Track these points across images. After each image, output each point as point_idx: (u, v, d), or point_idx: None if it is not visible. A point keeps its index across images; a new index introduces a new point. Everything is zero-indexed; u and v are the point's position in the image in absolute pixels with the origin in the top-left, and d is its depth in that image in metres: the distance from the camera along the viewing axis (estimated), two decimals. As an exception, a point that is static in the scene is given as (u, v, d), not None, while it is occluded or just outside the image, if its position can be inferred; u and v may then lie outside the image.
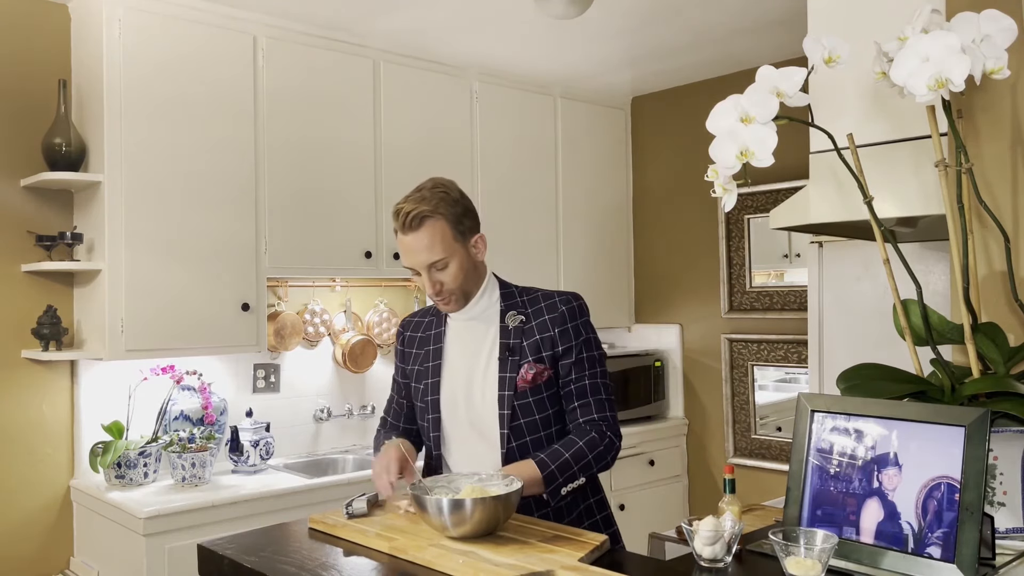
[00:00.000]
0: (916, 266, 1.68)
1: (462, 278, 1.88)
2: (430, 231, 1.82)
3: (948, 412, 1.35)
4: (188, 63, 3.02)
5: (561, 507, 1.87)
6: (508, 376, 1.88)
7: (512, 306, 1.94)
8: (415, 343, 2.05)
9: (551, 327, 1.90)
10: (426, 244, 1.82)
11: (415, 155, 3.62)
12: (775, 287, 4.00)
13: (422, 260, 1.84)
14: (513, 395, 1.87)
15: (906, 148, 1.69)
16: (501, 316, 1.93)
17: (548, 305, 1.93)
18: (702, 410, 4.33)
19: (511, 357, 1.89)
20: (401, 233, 1.85)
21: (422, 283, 1.88)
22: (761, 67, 1.50)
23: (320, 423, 3.64)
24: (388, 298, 3.89)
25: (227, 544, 1.64)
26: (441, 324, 2.00)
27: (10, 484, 2.93)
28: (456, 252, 1.85)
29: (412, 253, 1.84)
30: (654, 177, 4.54)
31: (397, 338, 2.11)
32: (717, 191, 1.53)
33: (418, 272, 1.87)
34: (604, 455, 1.86)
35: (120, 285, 2.86)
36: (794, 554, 1.28)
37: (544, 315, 1.92)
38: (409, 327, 2.09)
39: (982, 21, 1.42)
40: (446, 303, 1.91)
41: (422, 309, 2.12)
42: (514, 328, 1.91)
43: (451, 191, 1.87)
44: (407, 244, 1.84)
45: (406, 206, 1.83)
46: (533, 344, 1.89)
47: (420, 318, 2.08)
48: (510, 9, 3.22)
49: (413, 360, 2.04)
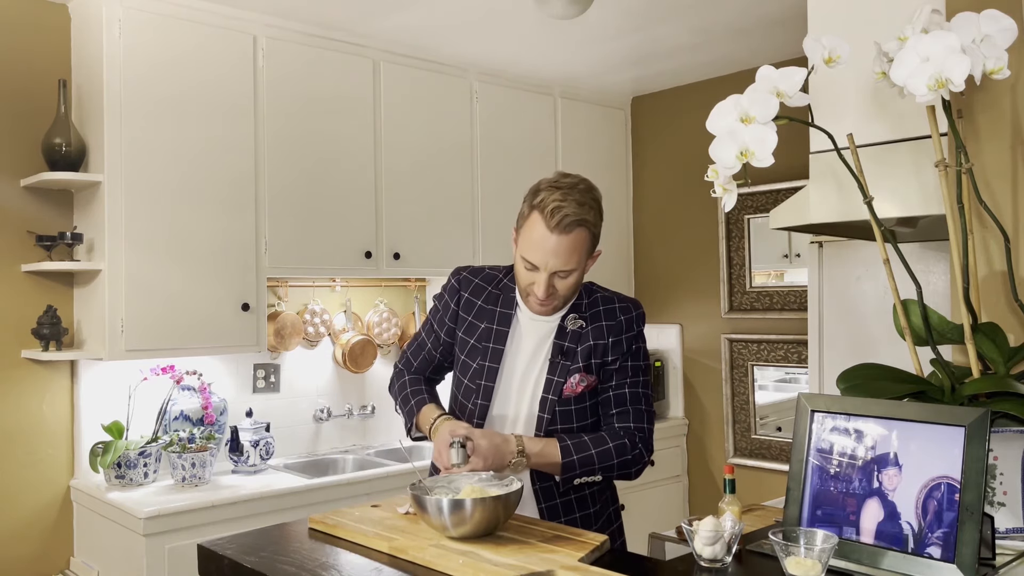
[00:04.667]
0: (916, 266, 1.68)
1: (574, 289, 1.82)
2: (576, 240, 1.74)
3: (948, 412, 1.35)
4: (188, 63, 3.02)
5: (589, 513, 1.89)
6: (556, 380, 1.84)
7: (575, 308, 1.88)
8: (472, 310, 1.93)
9: (606, 334, 1.85)
10: (568, 251, 1.74)
11: (415, 155, 3.62)
12: (775, 287, 4.00)
13: (555, 264, 1.75)
14: (557, 400, 1.84)
15: (906, 148, 1.69)
16: (563, 316, 1.88)
17: (607, 310, 1.88)
18: (702, 410, 4.33)
19: (563, 361, 1.84)
20: (545, 228, 1.73)
21: (531, 279, 1.79)
22: (761, 67, 1.49)
23: (320, 423, 3.64)
24: (388, 298, 3.89)
25: (227, 544, 1.63)
26: (510, 306, 1.90)
27: (10, 484, 2.93)
28: (582, 265, 1.79)
29: (549, 254, 1.74)
30: (654, 177, 4.54)
31: (449, 291, 1.96)
32: (717, 191, 1.53)
33: (532, 268, 1.77)
34: (629, 465, 1.84)
35: (120, 285, 2.86)
36: (794, 554, 1.28)
37: (602, 320, 1.87)
38: (468, 287, 1.95)
39: (982, 21, 1.42)
40: (545, 306, 1.83)
41: (481, 270, 1.99)
42: (571, 331, 1.86)
43: (600, 201, 1.81)
44: (547, 243, 1.73)
45: (566, 206, 1.72)
46: (586, 350, 1.84)
47: (482, 282, 1.95)
48: (510, 9, 3.22)
49: (467, 329, 1.92)
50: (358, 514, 1.75)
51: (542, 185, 1.79)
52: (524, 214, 1.80)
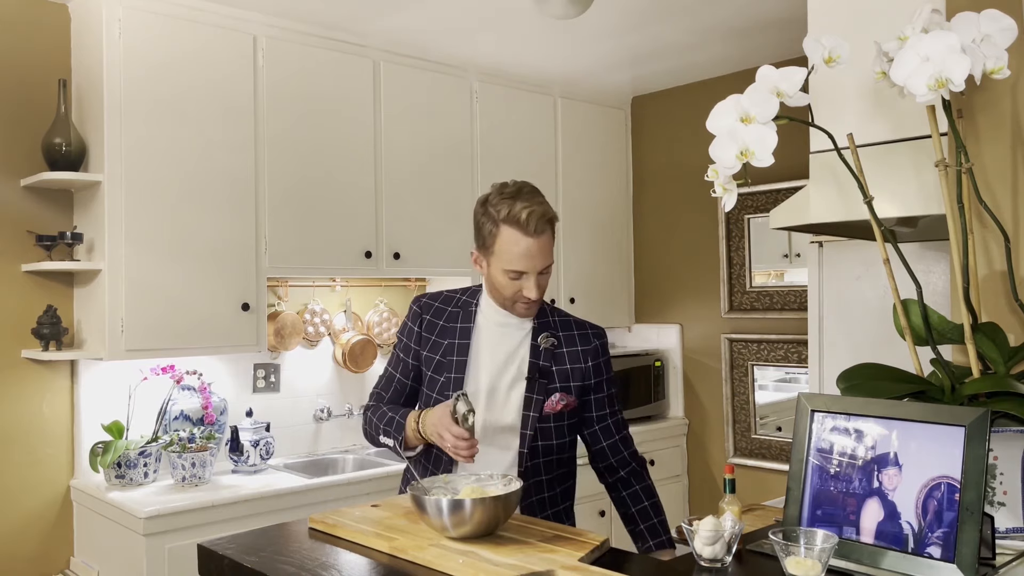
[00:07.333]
0: (916, 266, 1.68)
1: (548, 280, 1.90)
2: (549, 237, 1.83)
3: (948, 412, 1.35)
4: (188, 63, 3.02)
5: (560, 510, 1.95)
6: (536, 398, 1.89)
7: (545, 326, 1.94)
8: (435, 330, 1.97)
9: (584, 359, 1.94)
10: (547, 248, 1.82)
11: (415, 155, 3.62)
12: (775, 287, 4.00)
13: (540, 264, 1.82)
14: (538, 418, 1.89)
15: (906, 148, 1.69)
16: (534, 334, 1.92)
17: (581, 335, 1.96)
18: (702, 410, 4.33)
19: (541, 380, 1.90)
20: (525, 236, 1.79)
21: (518, 287, 1.84)
22: (761, 67, 1.49)
23: (320, 423, 3.64)
24: (388, 298, 3.89)
25: (227, 544, 1.63)
26: (470, 320, 1.95)
27: (10, 484, 2.93)
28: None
29: (534, 257, 1.80)
30: (654, 177, 4.54)
31: (412, 317, 2.00)
32: (717, 191, 1.53)
33: (518, 276, 1.82)
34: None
35: (120, 285, 2.86)
36: (794, 554, 1.28)
37: (577, 344, 1.95)
38: (429, 311, 1.99)
39: (982, 21, 1.42)
40: (531, 309, 1.89)
41: (439, 294, 2.04)
42: (544, 350, 1.92)
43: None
44: (531, 247, 1.79)
45: (537, 209, 1.79)
46: (563, 372, 1.92)
47: (442, 304, 2.00)
48: (510, 9, 3.22)
49: (432, 347, 1.96)
50: (358, 514, 1.75)
51: (493, 201, 1.83)
52: (491, 232, 1.83)
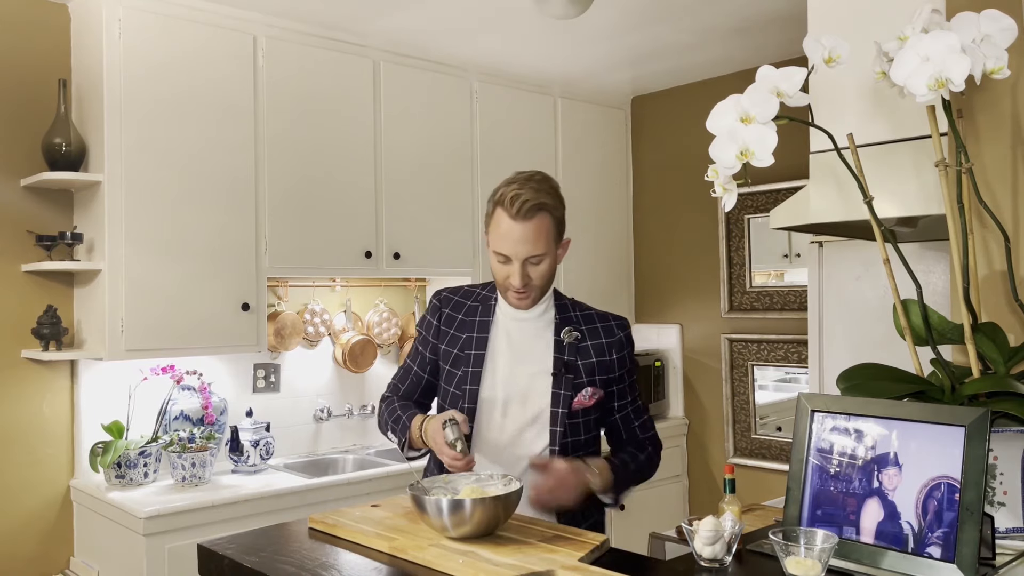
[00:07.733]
0: (916, 266, 1.68)
1: (548, 277, 1.88)
2: (540, 224, 1.81)
3: (948, 412, 1.35)
4: (188, 63, 3.02)
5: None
6: (563, 394, 1.88)
7: (567, 320, 1.94)
8: (454, 324, 1.97)
9: (609, 351, 1.93)
10: (533, 236, 1.80)
11: (415, 155, 3.62)
12: (775, 287, 4.00)
13: (524, 251, 1.81)
14: (567, 413, 1.88)
15: (906, 148, 1.69)
16: (556, 329, 1.92)
17: (605, 328, 1.95)
18: (702, 410, 4.33)
19: (567, 375, 1.89)
20: (508, 218, 1.80)
21: (506, 272, 1.85)
22: (761, 67, 1.49)
23: (320, 423, 3.64)
24: (388, 298, 3.89)
25: (227, 544, 1.64)
26: (488, 314, 1.95)
27: (10, 484, 2.93)
28: (551, 251, 1.85)
29: (517, 242, 1.80)
30: (654, 177, 4.54)
31: (431, 311, 2.01)
32: (717, 191, 1.53)
33: (505, 260, 1.83)
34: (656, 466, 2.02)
35: (120, 285, 2.86)
36: (794, 554, 1.28)
37: (601, 337, 1.94)
38: (449, 304, 2.00)
39: (982, 21, 1.42)
40: (523, 298, 1.88)
41: (460, 288, 2.05)
42: (569, 344, 1.91)
43: (558, 189, 1.87)
44: (514, 232, 1.80)
45: (524, 193, 1.79)
46: (589, 366, 1.91)
47: (461, 299, 2.00)
48: (510, 9, 3.22)
49: (450, 341, 1.96)
50: (358, 514, 1.75)
51: (500, 185, 1.87)
52: (488, 213, 1.89)
